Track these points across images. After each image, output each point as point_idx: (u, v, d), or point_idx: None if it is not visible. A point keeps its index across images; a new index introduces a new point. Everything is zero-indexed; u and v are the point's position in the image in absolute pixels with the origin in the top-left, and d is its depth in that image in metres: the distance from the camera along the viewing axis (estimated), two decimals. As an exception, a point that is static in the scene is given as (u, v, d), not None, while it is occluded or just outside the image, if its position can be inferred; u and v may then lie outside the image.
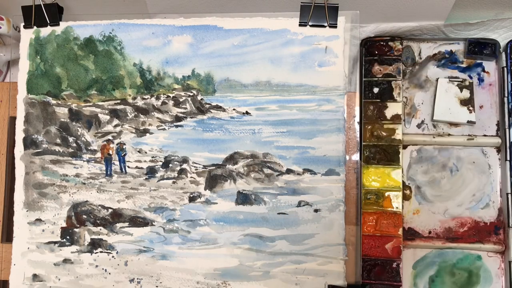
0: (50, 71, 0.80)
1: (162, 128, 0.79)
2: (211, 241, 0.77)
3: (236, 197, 0.77)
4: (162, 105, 0.79)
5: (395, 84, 0.84)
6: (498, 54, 0.85)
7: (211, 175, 0.78)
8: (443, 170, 0.85)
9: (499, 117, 0.84)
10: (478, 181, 0.84)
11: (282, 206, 0.76)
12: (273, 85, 0.77)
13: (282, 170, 0.77)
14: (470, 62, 0.86)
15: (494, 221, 0.83)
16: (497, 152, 0.84)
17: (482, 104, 0.85)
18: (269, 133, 0.77)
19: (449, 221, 0.84)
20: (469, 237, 0.83)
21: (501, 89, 0.84)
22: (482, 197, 0.84)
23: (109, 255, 0.79)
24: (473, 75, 0.86)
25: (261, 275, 0.76)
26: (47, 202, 0.80)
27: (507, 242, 0.82)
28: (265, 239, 0.76)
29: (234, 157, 0.77)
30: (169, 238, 0.78)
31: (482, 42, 0.85)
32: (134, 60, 0.79)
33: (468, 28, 0.86)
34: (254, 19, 0.78)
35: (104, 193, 0.79)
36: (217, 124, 0.78)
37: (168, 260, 0.78)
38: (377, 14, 0.83)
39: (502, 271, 0.82)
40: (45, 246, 0.80)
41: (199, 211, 0.78)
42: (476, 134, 0.84)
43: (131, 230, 0.79)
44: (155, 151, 0.79)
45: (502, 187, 0.83)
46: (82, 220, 0.80)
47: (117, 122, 0.80)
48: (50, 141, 0.80)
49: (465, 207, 0.84)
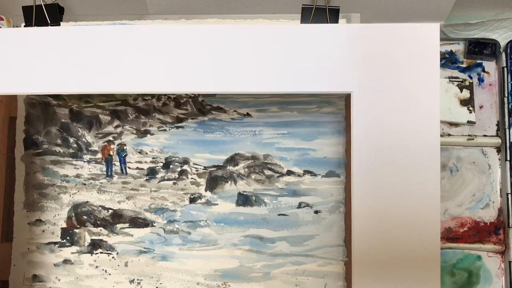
0: (50, 72, 0.80)
1: (163, 129, 0.79)
2: (211, 242, 0.77)
3: (237, 198, 0.77)
4: (163, 106, 0.79)
5: (395, 84, 0.84)
6: (498, 54, 0.85)
7: (212, 176, 0.78)
8: (443, 170, 0.85)
9: (499, 117, 0.84)
10: (478, 181, 0.84)
11: (283, 208, 0.76)
12: (274, 86, 0.77)
13: (283, 171, 0.77)
14: (470, 62, 0.86)
15: (494, 221, 0.83)
16: (497, 152, 0.84)
17: (482, 104, 0.85)
18: (269, 134, 0.77)
19: (449, 221, 0.84)
20: (469, 237, 0.83)
21: (501, 89, 0.84)
22: (482, 197, 0.84)
23: (109, 256, 0.79)
24: (473, 75, 0.86)
25: (261, 276, 0.76)
26: (47, 202, 0.80)
27: (507, 242, 0.82)
28: (265, 240, 0.76)
29: (234, 159, 0.78)
30: (169, 239, 0.78)
31: (482, 42, 0.85)
32: (135, 61, 0.79)
33: (468, 28, 0.86)
34: (255, 21, 0.78)
35: (105, 193, 0.80)
36: (218, 125, 0.78)
37: (168, 261, 0.78)
38: (378, 15, 0.83)
39: (502, 271, 0.82)
40: (45, 246, 0.80)
41: (200, 212, 0.78)
42: (476, 134, 0.84)
43: (132, 231, 0.79)
44: (155, 152, 0.79)
45: (502, 187, 0.83)
46: (83, 220, 0.80)
47: (118, 123, 0.80)
48: (50, 141, 0.80)
49: (465, 207, 0.84)
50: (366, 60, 0.67)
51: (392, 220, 0.66)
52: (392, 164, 0.66)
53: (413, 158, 0.66)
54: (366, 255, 0.67)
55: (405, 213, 0.66)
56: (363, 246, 0.66)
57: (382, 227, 0.66)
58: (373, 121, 0.66)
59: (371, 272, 0.67)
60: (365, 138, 0.66)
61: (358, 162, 0.66)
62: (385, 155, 0.66)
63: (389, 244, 0.66)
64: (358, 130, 0.66)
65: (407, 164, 0.66)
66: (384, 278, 0.67)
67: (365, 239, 0.66)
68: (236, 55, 0.68)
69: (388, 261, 0.67)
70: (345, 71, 0.67)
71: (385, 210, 0.66)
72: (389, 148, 0.66)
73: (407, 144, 0.66)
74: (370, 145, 0.66)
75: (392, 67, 0.66)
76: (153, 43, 0.68)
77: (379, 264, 0.67)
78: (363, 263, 0.67)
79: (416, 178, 0.66)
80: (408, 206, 0.66)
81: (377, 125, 0.66)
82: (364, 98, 0.66)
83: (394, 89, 0.66)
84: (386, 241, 0.66)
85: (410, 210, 0.66)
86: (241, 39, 0.67)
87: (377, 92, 0.66)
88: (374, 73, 0.67)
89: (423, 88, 0.66)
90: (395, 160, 0.66)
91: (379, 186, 0.66)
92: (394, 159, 0.66)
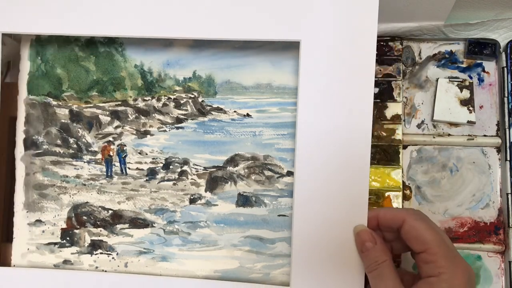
0: (51, 72, 0.80)
1: (163, 130, 0.79)
2: (211, 243, 0.77)
3: (237, 199, 0.77)
4: (163, 106, 0.79)
5: (395, 84, 0.84)
6: (498, 54, 0.85)
7: (212, 177, 0.78)
8: (443, 170, 0.85)
9: (499, 117, 0.85)
10: (478, 181, 0.84)
11: (283, 208, 0.76)
12: (273, 87, 0.77)
13: (283, 172, 0.77)
14: (470, 62, 0.86)
15: (494, 221, 0.83)
16: (497, 152, 0.84)
17: (482, 104, 0.85)
18: (269, 135, 0.77)
19: (449, 221, 0.84)
20: (469, 237, 0.83)
21: (501, 89, 0.84)
22: (482, 197, 0.84)
23: (109, 256, 0.79)
24: (473, 75, 0.86)
25: (261, 276, 0.76)
26: (47, 203, 0.80)
27: (507, 242, 0.82)
28: (265, 241, 0.76)
29: (234, 159, 0.78)
30: (169, 239, 0.78)
31: (482, 42, 0.85)
32: (135, 62, 0.79)
33: (468, 28, 0.86)
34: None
35: (105, 194, 0.80)
36: (218, 126, 0.78)
37: (168, 262, 0.78)
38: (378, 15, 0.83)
39: (502, 271, 0.82)
40: (45, 247, 0.80)
41: (200, 212, 0.78)
42: (476, 134, 0.84)
43: (131, 232, 0.79)
44: (155, 153, 0.79)
45: (502, 187, 0.83)
46: (82, 221, 0.80)
47: (118, 124, 0.80)
48: (50, 142, 0.80)
49: (465, 207, 0.84)
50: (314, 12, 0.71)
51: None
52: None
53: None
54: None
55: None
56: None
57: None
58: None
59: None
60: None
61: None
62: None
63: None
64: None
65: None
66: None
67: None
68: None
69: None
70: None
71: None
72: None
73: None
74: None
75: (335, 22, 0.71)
76: None
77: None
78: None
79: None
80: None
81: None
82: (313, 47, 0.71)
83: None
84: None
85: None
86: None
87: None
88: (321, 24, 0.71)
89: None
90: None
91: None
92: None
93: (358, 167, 0.70)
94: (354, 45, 0.70)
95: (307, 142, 0.71)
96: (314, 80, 0.71)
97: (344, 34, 0.70)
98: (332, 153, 0.71)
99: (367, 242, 0.67)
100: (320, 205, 0.71)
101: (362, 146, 0.70)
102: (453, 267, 0.61)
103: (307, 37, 0.71)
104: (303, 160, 0.71)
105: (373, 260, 0.66)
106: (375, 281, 0.65)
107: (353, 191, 0.70)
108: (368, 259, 0.67)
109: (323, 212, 0.71)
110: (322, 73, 0.71)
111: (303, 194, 0.71)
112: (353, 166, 0.70)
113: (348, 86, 0.70)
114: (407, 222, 0.65)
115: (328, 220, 0.70)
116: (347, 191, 0.70)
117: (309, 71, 0.71)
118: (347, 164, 0.70)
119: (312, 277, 0.71)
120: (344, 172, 0.70)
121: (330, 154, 0.71)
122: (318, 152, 0.71)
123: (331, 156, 0.71)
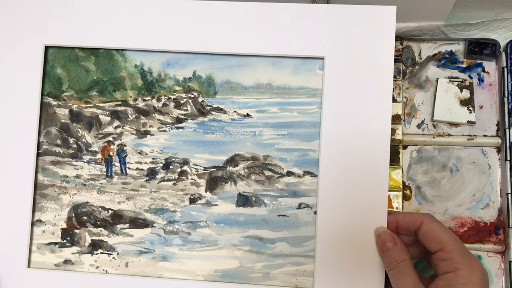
0: (51, 72, 0.80)
1: (163, 130, 0.79)
2: (211, 243, 0.77)
3: (237, 199, 0.77)
4: (163, 106, 0.79)
5: (395, 84, 0.84)
6: (498, 54, 0.85)
7: (212, 177, 0.78)
8: (443, 170, 0.85)
9: (499, 117, 0.85)
10: (478, 181, 0.84)
11: (283, 208, 0.76)
12: (274, 87, 0.77)
13: (283, 172, 0.77)
14: (470, 62, 0.86)
15: (494, 221, 0.83)
16: (497, 152, 0.84)
17: (482, 104, 0.85)
18: (269, 135, 0.77)
19: (449, 221, 0.84)
20: (469, 237, 0.83)
21: (501, 89, 0.84)
22: (482, 197, 0.84)
23: (109, 256, 0.79)
24: (473, 75, 0.86)
25: (261, 276, 0.76)
26: (47, 203, 0.80)
27: (507, 242, 0.82)
28: (265, 241, 0.76)
29: (234, 159, 0.78)
30: (169, 239, 0.78)
31: (482, 42, 0.85)
32: (135, 62, 0.79)
33: (468, 28, 0.86)
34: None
35: (105, 194, 0.80)
36: (218, 126, 0.78)
37: (169, 262, 0.78)
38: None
39: (502, 271, 0.82)
40: (45, 247, 0.80)
41: (200, 212, 0.78)
42: (476, 134, 0.84)
43: (132, 232, 0.79)
44: (155, 153, 0.79)
45: (502, 187, 0.83)
46: (83, 221, 0.80)
47: (117, 124, 0.80)
48: (50, 142, 0.80)
49: (465, 207, 0.84)
50: (336, 31, 0.75)
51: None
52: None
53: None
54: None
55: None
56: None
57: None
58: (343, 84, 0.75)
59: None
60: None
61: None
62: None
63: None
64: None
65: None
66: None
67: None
68: (213, 17, 0.77)
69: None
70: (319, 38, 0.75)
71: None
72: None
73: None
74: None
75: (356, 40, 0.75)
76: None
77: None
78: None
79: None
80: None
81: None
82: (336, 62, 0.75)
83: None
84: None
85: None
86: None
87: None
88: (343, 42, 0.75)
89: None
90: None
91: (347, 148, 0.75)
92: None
93: (379, 171, 0.73)
94: (373, 60, 0.74)
95: (330, 146, 0.74)
96: (337, 90, 0.75)
97: (364, 50, 0.74)
98: (353, 158, 0.74)
99: (388, 243, 0.70)
100: (343, 208, 0.74)
101: (381, 150, 0.73)
102: (469, 264, 0.64)
103: (330, 54, 0.75)
104: (326, 163, 0.74)
105: (394, 259, 0.69)
106: (396, 277, 0.68)
107: (373, 194, 0.73)
108: (388, 258, 0.69)
109: (346, 215, 0.73)
110: (344, 84, 0.74)
111: (327, 198, 0.74)
112: (373, 170, 0.73)
113: (367, 94, 0.74)
114: (424, 224, 0.68)
115: (350, 223, 0.73)
116: (368, 194, 0.73)
117: (332, 82, 0.75)
118: (367, 168, 0.73)
119: (335, 277, 0.73)
120: (365, 176, 0.73)
121: (352, 158, 0.74)
122: (340, 156, 0.74)
123: (353, 160, 0.73)
